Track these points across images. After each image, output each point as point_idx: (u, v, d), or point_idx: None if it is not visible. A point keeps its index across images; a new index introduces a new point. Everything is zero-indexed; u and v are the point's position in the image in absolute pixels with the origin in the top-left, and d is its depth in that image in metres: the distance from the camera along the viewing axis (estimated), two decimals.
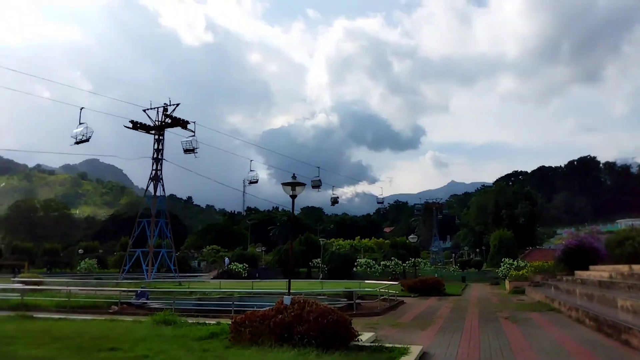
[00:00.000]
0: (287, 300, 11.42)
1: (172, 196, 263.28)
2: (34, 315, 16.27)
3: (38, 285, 31.17)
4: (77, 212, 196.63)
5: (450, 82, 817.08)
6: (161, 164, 43.33)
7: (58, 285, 30.98)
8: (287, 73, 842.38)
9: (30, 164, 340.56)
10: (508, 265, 42.42)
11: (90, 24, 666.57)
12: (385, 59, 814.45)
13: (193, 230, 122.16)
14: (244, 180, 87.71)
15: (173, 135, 45.54)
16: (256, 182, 52.42)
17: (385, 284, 26.31)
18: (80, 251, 72.22)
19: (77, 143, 37.59)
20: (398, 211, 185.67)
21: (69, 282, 36.21)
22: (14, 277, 36.18)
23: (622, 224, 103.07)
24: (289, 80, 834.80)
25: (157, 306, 20.16)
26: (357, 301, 21.48)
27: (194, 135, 44.48)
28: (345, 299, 21.80)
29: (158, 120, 42.83)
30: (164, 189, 44.93)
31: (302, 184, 12.44)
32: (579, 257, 29.26)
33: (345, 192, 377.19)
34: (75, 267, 64.92)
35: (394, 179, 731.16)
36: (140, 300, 21.45)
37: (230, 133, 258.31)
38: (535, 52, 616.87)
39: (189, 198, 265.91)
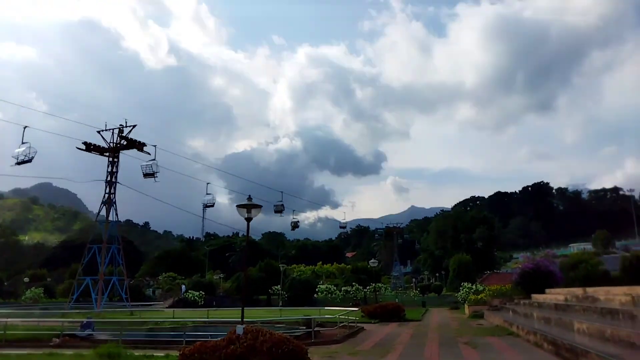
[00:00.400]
0: (239, 329, 10.83)
1: (128, 221, 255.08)
2: None
3: None
4: (27, 238, 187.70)
5: (411, 109, 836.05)
6: (115, 188, 41.77)
7: None
8: (251, 98, 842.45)
9: None
10: (467, 290, 42.58)
11: (47, 45, 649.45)
12: (349, 86, 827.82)
13: (149, 257, 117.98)
14: (203, 205, 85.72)
15: (130, 159, 44.15)
16: (212, 205, 51.02)
17: (345, 310, 25.82)
18: (26, 279, 68.34)
19: (18, 164, 35.37)
20: (360, 236, 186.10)
21: (11, 313, 33.97)
22: None
23: (575, 247, 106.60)
24: (252, 104, 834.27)
25: (104, 337, 18.97)
26: (316, 329, 20.88)
27: (154, 159, 43.21)
28: (304, 327, 21.13)
29: (113, 142, 41.48)
30: (117, 214, 43.24)
31: (258, 206, 11.97)
32: (536, 280, 29.67)
33: (308, 217, 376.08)
34: (20, 296, 61.32)
35: (356, 204, 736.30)
36: (85, 332, 20.13)
37: (191, 157, 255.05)
38: (491, 81, 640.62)
39: (146, 223, 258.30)
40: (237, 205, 11.88)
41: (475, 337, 19.62)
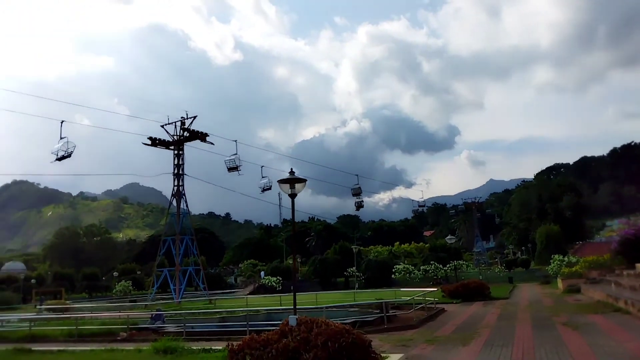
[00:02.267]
0: (292, 320, 9.51)
1: (211, 214, 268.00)
2: (33, 348, 14.91)
3: (64, 312, 30.34)
4: (121, 235, 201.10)
5: (483, 77, 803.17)
6: (182, 180, 42.28)
7: (83, 312, 30.00)
8: (315, 84, 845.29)
9: (74, 192, 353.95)
10: (558, 262, 39.23)
11: (122, 53, 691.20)
12: (414, 60, 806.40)
13: (232, 246, 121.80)
14: (279, 194, 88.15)
15: (208, 154, 44.41)
16: (269, 188, 50.29)
17: (422, 291, 23.95)
18: (115, 274, 72.21)
19: (58, 159, 33.76)
20: (437, 214, 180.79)
21: (98, 307, 35.34)
22: (40, 305, 35.51)
23: None
24: (317, 91, 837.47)
25: (173, 330, 18.52)
26: (392, 312, 19.34)
27: (236, 154, 43.87)
28: (378, 311, 19.62)
29: (176, 135, 41.90)
30: (187, 205, 43.89)
31: (303, 180, 10.54)
32: (639, 248, 26.35)
33: (382, 199, 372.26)
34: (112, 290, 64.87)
35: (431, 181, 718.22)
36: (155, 324, 19.89)
37: (263, 147, 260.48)
38: (570, 39, 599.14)
39: (227, 214, 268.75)
40: (278, 181, 10.55)
41: (575, 315, 17.15)
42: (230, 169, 44.11)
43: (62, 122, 32.12)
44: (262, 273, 61.54)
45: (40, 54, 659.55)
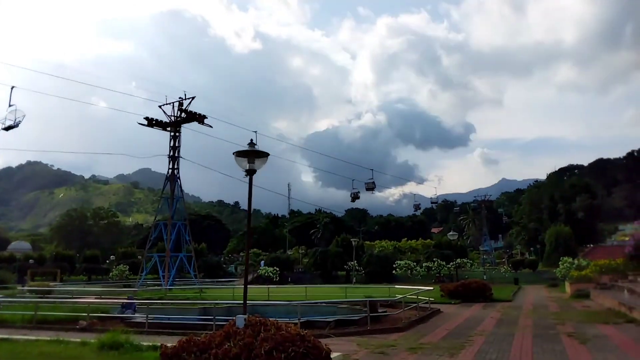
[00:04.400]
0: (239, 321, 7.93)
1: (220, 202, 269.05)
2: None
3: (46, 294, 29.21)
4: (130, 220, 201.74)
5: (504, 74, 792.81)
6: (178, 163, 40.71)
7: (65, 295, 28.82)
8: (330, 76, 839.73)
9: (87, 175, 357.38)
10: (568, 265, 37.30)
11: (142, 38, 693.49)
12: (434, 54, 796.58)
13: (237, 235, 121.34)
14: (288, 184, 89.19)
15: (221, 143, 41.97)
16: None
17: (417, 289, 22.30)
18: (112, 257, 71.56)
19: (5, 129, 29.44)
20: (447, 211, 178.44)
21: (84, 291, 34.30)
22: (22, 287, 34.43)
23: None
24: (332, 83, 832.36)
25: (142, 320, 17.01)
26: (381, 311, 17.78)
27: (255, 144, 42.07)
28: (367, 309, 18.04)
29: (173, 116, 40.30)
30: (181, 189, 42.26)
31: (264, 154, 8.90)
32: None
33: (393, 194, 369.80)
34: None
35: (443, 178, 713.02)
36: (125, 313, 18.45)
37: (276, 137, 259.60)
38: (595, 36, 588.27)
39: (236, 203, 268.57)
40: (235, 153, 8.90)
41: (583, 325, 15.39)
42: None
43: (12, 88, 29.32)
44: (262, 263, 60.29)
45: (62, 37, 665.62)
